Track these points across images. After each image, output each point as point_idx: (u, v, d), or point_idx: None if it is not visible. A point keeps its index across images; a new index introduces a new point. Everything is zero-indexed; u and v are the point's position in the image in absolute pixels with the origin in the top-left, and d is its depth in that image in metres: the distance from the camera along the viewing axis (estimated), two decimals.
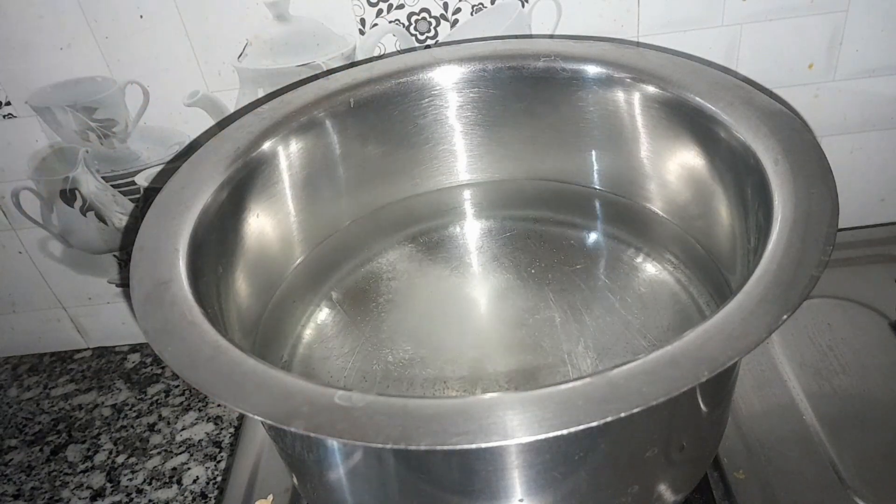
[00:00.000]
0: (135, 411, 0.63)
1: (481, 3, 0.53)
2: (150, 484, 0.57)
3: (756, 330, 0.30)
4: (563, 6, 0.54)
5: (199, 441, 0.59)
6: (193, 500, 0.55)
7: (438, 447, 0.28)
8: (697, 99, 0.45)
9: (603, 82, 0.49)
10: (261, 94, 0.56)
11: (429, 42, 0.55)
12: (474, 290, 0.51)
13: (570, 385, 0.29)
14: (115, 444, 0.61)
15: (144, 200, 0.62)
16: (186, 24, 0.53)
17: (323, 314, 0.50)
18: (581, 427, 0.28)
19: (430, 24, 0.54)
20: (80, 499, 0.57)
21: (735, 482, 0.47)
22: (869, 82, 0.57)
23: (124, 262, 0.65)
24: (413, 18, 0.54)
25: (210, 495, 0.55)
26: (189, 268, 0.38)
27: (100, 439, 0.61)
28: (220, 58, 0.55)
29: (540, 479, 0.35)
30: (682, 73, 0.46)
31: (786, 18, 0.54)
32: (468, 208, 0.57)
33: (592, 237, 0.53)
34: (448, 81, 0.52)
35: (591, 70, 0.49)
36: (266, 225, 0.49)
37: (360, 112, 0.51)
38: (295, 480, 0.45)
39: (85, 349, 0.71)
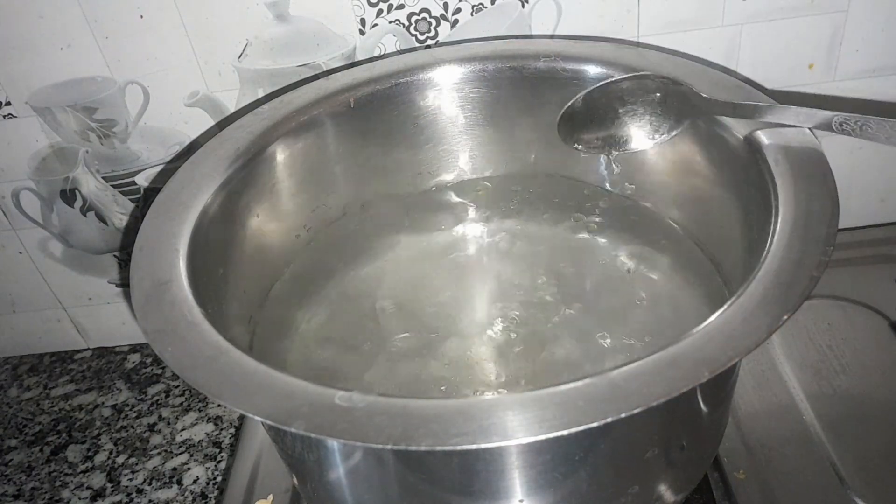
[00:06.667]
0: (135, 411, 0.63)
1: (481, 3, 0.53)
2: (150, 484, 0.57)
3: (756, 330, 0.30)
4: (563, 6, 0.54)
5: (200, 441, 0.59)
6: (193, 500, 0.55)
7: (439, 448, 0.28)
8: None
9: None
10: (261, 94, 0.56)
11: (429, 42, 0.55)
12: (475, 288, 0.51)
13: (570, 385, 0.29)
14: (115, 444, 0.61)
15: (144, 200, 0.62)
16: (186, 25, 0.53)
17: (323, 314, 0.50)
18: (581, 427, 0.28)
19: (430, 24, 0.54)
20: (80, 499, 0.57)
21: (735, 482, 0.47)
22: (869, 82, 0.57)
23: (124, 262, 0.65)
24: (413, 18, 0.54)
25: (210, 495, 0.55)
26: (189, 268, 0.38)
27: (100, 439, 0.61)
28: (220, 58, 0.55)
29: (540, 479, 0.35)
30: (682, 73, 0.46)
31: (786, 18, 0.54)
32: (468, 207, 0.56)
33: (592, 236, 0.53)
34: (448, 81, 0.52)
35: (592, 70, 0.49)
36: (266, 225, 0.49)
37: (361, 112, 0.51)
38: (295, 480, 0.45)
39: (85, 349, 0.71)
